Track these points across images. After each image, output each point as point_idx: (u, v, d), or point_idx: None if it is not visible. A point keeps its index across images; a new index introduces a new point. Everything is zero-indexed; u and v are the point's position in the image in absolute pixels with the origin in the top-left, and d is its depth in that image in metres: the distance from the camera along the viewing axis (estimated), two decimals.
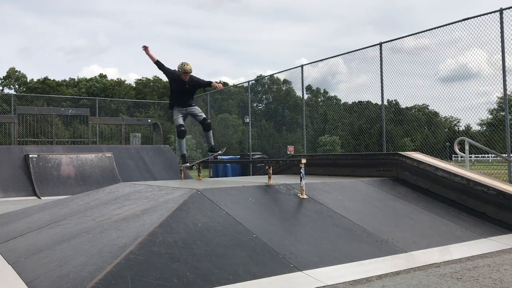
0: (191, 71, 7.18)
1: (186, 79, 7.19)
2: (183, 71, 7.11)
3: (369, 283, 3.62)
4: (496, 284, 3.57)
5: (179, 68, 7.15)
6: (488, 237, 5.13)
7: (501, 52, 9.24)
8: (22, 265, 3.92)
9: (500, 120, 11.12)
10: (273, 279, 3.57)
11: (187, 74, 7.15)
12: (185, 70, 7.10)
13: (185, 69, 7.10)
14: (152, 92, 56.28)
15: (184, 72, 7.12)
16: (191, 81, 7.27)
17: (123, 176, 14.67)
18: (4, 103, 23.39)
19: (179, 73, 7.16)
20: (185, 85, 7.25)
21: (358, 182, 6.41)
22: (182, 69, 7.11)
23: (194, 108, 7.50)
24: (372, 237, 4.65)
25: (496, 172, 12.21)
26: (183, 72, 7.13)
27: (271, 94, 28.92)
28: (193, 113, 7.48)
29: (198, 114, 7.47)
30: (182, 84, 7.24)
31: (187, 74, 7.16)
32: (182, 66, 7.12)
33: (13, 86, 54.73)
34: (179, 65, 7.16)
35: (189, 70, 7.13)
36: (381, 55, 12.08)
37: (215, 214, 4.55)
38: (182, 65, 7.13)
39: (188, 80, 7.22)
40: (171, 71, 7.31)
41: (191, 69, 7.17)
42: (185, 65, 7.12)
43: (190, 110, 7.46)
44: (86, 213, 5.32)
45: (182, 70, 7.12)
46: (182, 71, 7.12)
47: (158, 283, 3.23)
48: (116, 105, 34.21)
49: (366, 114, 16.14)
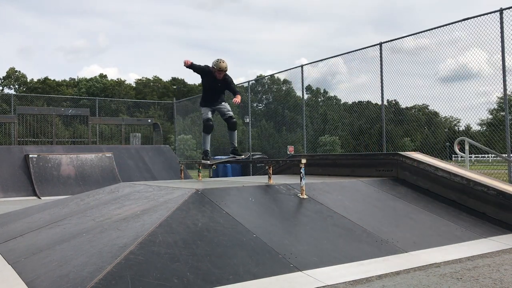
0: (226, 69, 6.74)
1: (220, 77, 6.77)
2: (218, 69, 6.67)
3: (369, 283, 3.62)
4: (496, 284, 3.57)
5: (214, 65, 6.69)
6: (488, 237, 5.13)
7: (501, 52, 9.25)
8: (22, 265, 3.92)
9: (500, 120, 11.12)
10: (273, 279, 3.57)
11: (221, 72, 6.71)
12: (220, 67, 6.66)
13: (220, 67, 6.65)
14: (152, 92, 56.30)
15: (219, 70, 6.68)
16: (224, 80, 6.85)
17: (123, 176, 14.67)
18: (4, 103, 23.39)
19: (213, 70, 6.72)
20: (218, 83, 6.84)
21: (358, 182, 6.41)
22: (217, 66, 6.66)
23: (223, 106, 7.09)
24: (372, 237, 4.65)
25: (496, 172, 12.21)
26: (217, 70, 6.68)
27: (271, 94, 28.91)
28: (220, 110, 7.09)
29: (226, 112, 7.06)
30: (214, 81, 6.82)
31: (222, 72, 6.72)
32: (218, 63, 6.66)
33: (13, 86, 54.74)
34: (214, 61, 6.71)
35: (224, 68, 6.69)
36: (381, 55, 12.08)
37: (215, 214, 4.55)
38: (217, 62, 6.67)
39: (222, 79, 6.81)
40: (202, 68, 6.86)
41: (227, 67, 6.73)
42: (220, 62, 6.66)
43: (219, 107, 7.07)
44: (86, 213, 5.32)
45: (217, 67, 6.66)
46: (217, 68, 6.67)
47: (158, 283, 3.23)
48: (116, 105, 34.20)
49: (366, 114, 16.14)
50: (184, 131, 25.49)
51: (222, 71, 6.70)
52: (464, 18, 10.01)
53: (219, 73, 6.73)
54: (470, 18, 9.92)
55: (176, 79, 62.43)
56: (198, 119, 24.85)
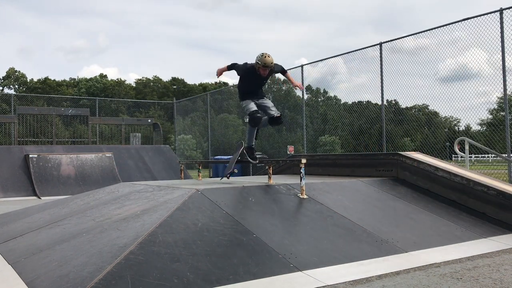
0: (272, 64, 5.92)
1: (265, 74, 5.98)
2: (263, 64, 5.86)
3: (369, 283, 3.62)
4: (496, 284, 3.57)
5: (259, 60, 5.88)
6: (488, 237, 5.13)
7: (501, 52, 9.25)
8: (22, 265, 3.92)
9: (500, 120, 11.13)
10: (273, 279, 3.57)
11: (267, 68, 5.90)
12: (265, 63, 5.84)
13: (265, 62, 5.84)
14: (152, 92, 56.32)
15: (264, 66, 5.87)
16: (269, 76, 6.15)
17: (123, 176, 14.67)
18: (4, 103, 23.39)
19: (258, 66, 5.92)
20: (263, 79, 6.14)
21: (358, 182, 6.41)
22: (262, 62, 5.85)
23: (267, 101, 6.37)
24: (372, 237, 4.65)
25: (496, 172, 12.21)
26: (262, 65, 5.87)
27: (271, 94, 28.91)
28: (265, 105, 6.31)
29: (271, 108, 6.31)
30: (258, 78, 6.08)
31: (267, 68, 5.92)
32: (262, 58, 5.85)
33: (13, 86, 54.74)
34: (259, 56, 5.91)
35: (270, 64, 5.87)
36: (381, 55, 12.09)
37: (215, 214, 4.55)
38: (262, 57, 5.86)
39: (267, 75, 6.07)
40: (242, 67, 6.13)
41: (273, 62, 5.93)
42: (266, 56, 5.85)
43: (263, 102, 6.33)
44: (86, 213, 5.32)
45: (261, 63, 5.86)
46: (261, 64, 5.86)
47: (158, 283, 3.23)
48: (116, 105, 34.20)
49: (366, 114, 16.14)
50: (184, 131, 25.51)
51: (267, 67, 5.92)
52: (464, 18, 10.02)
53: (264, 70, 5.95)
54: (470, 18, 9.93)
55: (176, 79, 62.47)
56: (198, 119, 24.87)
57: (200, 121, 24.38)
